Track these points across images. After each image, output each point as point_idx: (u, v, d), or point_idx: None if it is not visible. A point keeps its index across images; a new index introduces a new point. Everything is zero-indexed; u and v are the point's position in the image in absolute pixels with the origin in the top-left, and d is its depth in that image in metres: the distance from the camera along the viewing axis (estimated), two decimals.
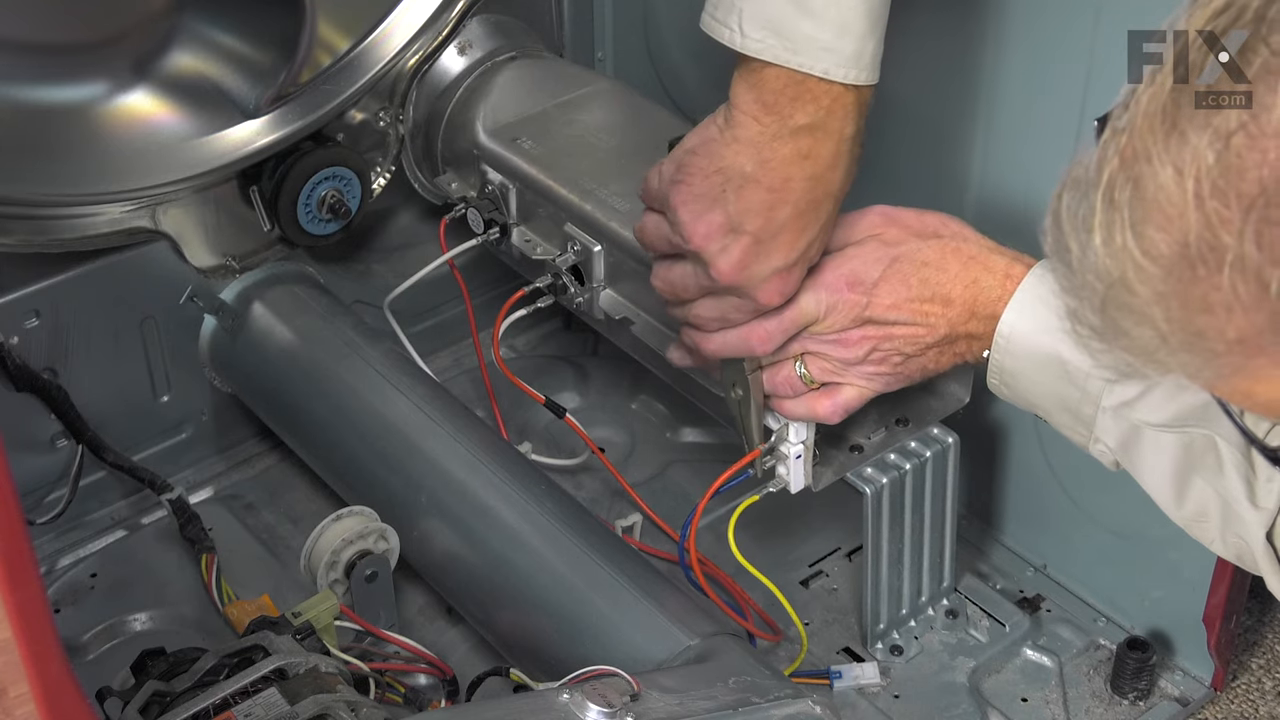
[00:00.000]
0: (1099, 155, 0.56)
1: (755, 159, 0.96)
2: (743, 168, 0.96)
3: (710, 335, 1.04)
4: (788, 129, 0.95)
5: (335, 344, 1.36)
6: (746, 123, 0.96)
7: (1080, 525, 1.29)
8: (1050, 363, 0.95)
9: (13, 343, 1.27)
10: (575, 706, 0.92)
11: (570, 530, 1.18)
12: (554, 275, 1.26)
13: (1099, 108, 1.18)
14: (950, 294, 0.99)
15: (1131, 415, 0.92)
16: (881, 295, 1.00)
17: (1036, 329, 0.96)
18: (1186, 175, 0.52)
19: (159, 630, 1.27)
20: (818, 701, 1.01)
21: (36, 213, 1.26)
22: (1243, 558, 0.90)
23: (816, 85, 0.94)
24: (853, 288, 1.00)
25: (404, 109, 1.41)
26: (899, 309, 0.99)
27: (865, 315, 1.00)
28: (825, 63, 0.93)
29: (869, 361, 1.02)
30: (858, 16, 0.93)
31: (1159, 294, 0.54)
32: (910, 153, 1.30)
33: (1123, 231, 0.54)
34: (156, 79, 1.30)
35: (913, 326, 1.00)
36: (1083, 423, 0.95)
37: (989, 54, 1.19)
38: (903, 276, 0.99)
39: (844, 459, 1.16)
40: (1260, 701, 1.29)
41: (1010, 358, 0.97)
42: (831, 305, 1.00)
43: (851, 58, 0.94)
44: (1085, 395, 0.94)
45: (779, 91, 0.94)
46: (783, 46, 0.93)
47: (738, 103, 0.96)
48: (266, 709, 0.97)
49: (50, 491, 1.33)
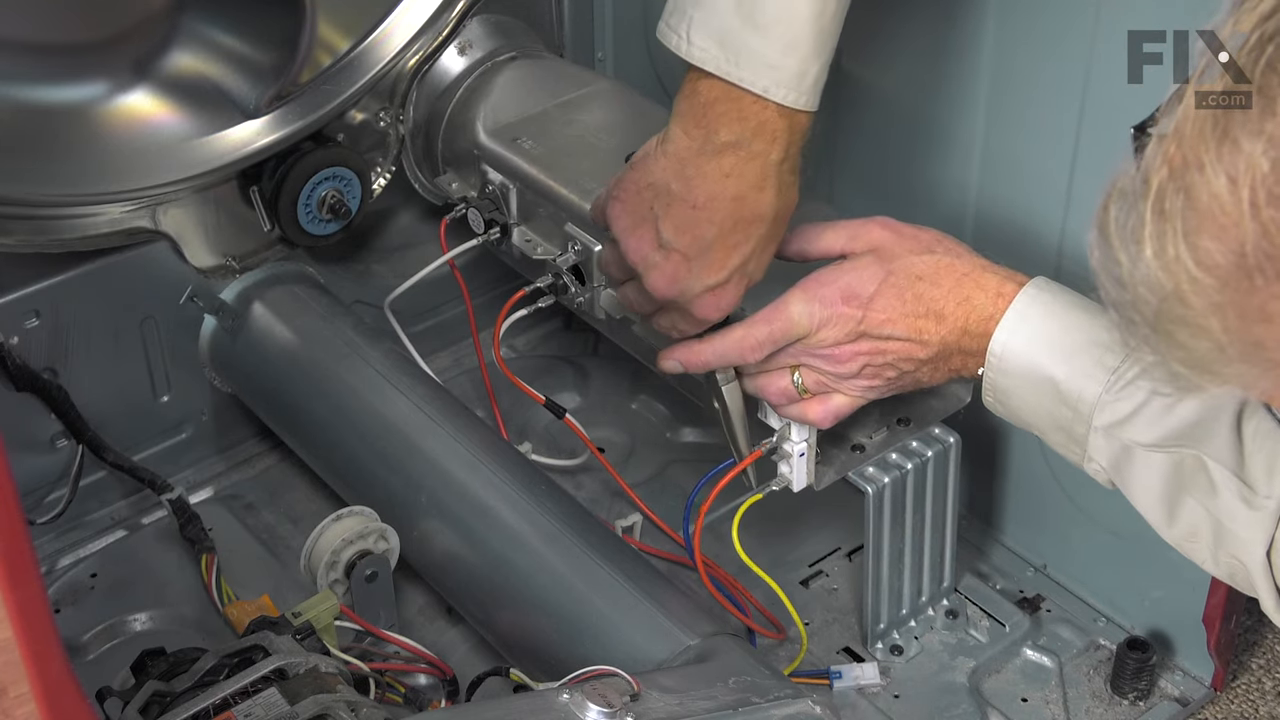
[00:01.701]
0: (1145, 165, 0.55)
1: (680, 175, 0.96)
2: (669, 184, 0.97)
3: (698, 346, 1.05)
4: (713, 144, 0.95)
5: (335, 344, 1.36)
6: (678, 135, 0.96)
7: (1080, 525, 1.29)
8: (1042, 382, 0.95)
9: (13, 343, 1.27)
10: (575, 706, 0.92)
11: (570, 530, 1.18)
12: (554, 275, 1.26)
13: (1098, 108, 1.19)
14: (943, 310, 0.98)
15: (1122, 435, 0.92)
16: (876, 310, 0.99)
17: (1028, 349, 0.95)
18: (1241, 183, 0.51)
19: (159, 630, 1.27)
20: (818, 701, 1.01)
21: (36, 213, 1.26)
22: (1235, 577, 0.90)
23: (750, 103, 0.94)
24: (848, 301, 1.00)
25: (404, 109, 1.41)
26: (894, 324, 0.99)
27: (860, 329, 1.00)
28: (766, 80, 0.93)
29: (862, 375, 1.02)
30: (806, 36, 0.93)
31: (1215, 305, 0.53)
32: (910, 154, 1.30)
33: (1175, 242, 0.53)
34: (156, 79, 1.30)
35: (906, 342, 0.99)
36: (1076, 442, 0.95)
37: (988, 54, 1.19)
38: (897, 291, 0.99)
39: (846, 458, 1.16)
40: (1260, 701, 1.29)
41: (1003, 376, 0.97)
42: (825, 319, 1.00)
43: (793, 78, 0.93)
44: (1077, 415, 0.93)
45: (711, 104, 0.94)
46: (725, 58, 0.93)
47: (675, 113, 0.97)
48: (266, 709, 0.97)
49: (50, 491, 1.33)
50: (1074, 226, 1.18)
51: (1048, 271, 1.00)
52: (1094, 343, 0.93)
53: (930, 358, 1.00)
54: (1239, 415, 0.86)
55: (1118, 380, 0.91)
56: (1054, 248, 1.20)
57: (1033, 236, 1.21)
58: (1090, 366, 0.93)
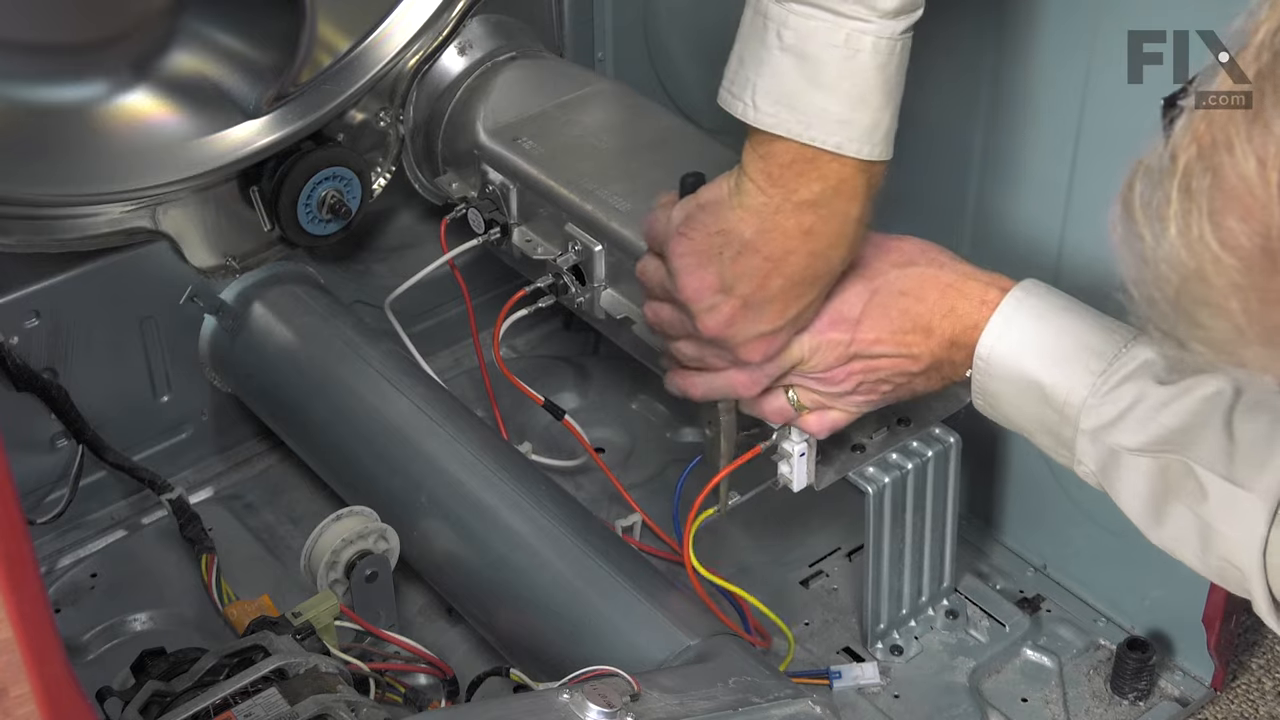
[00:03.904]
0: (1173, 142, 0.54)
1: (757, 227, 0.96)
2: (743, 234, 0.96)
3: (695, 379, 1.05)
4: (791, 203, 0.94)
5: (335, 344, 1.36)
6: (753, 191, 0.95)
7: (1080, 525, 1.29)
8: (1029, 386, 0.94)
9: (13, 343, 1.27)
10: (575, 706, 0.92)
11: (570, 530, 1.18)
12: (555, 275, 1.26)
13: (1098, 108, 1.18)
14: (930, 324, 0.98)
15: (1108, 439, 0.91)
16: (865, 331, 0.99)
17: (1014, 353, 0.95)
18: (1270, 166, 0.51)
19: (159, 630, 1.27)
20: (818, 701, 1.01)
21: (36, 213, 1.26)
22: (1226, 578, 0.89)
23: (826, 161, 0.93)
24: (835, 326, 1.00)
25: (404, 109, 1.41)
26: (882, 342, 0.99)
27: (851, 352, 1.00)
28: (838, 136, 0.92)
29: (858, 392, 1.03)
30: (873, 89, 0.92)
31: (1237, 286, 0.53)
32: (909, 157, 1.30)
33: (1200, 222, 0.53)
34: (156, 79, 1.30)
35: (897, 358, 0.99)
36: (1064, 444, 0.95)
37: (988, 55, 1.19)
38: (883, 309, 0.99)
39: (846, 458, 1.16)
40: (1260, 701, 1.29)
41: (991, 380, 0.97)
42: (815, 346, 1.00)
43: (865, 132, 0.93)
44: (1064, 418, 0.93)
45: (786, 165, 0.94)
46: (795, 120, 0.92)
47: (748, 171, 0.96)
48: (266, 709, 0.97)
49: (50, 491, 1.33)
50: (1073, 228, 1.18)
51: (1047, 274, 1.00)
52: (1081, 346, 0.93)
53: (922, 370, 1.00)
54: (1229, 416, 0.86)
55: (1104, 384, 0.91)
56: (1053, 249, 1.20)
57: (1032, 239, 1.21)
58: (1076, 370, 0.92)
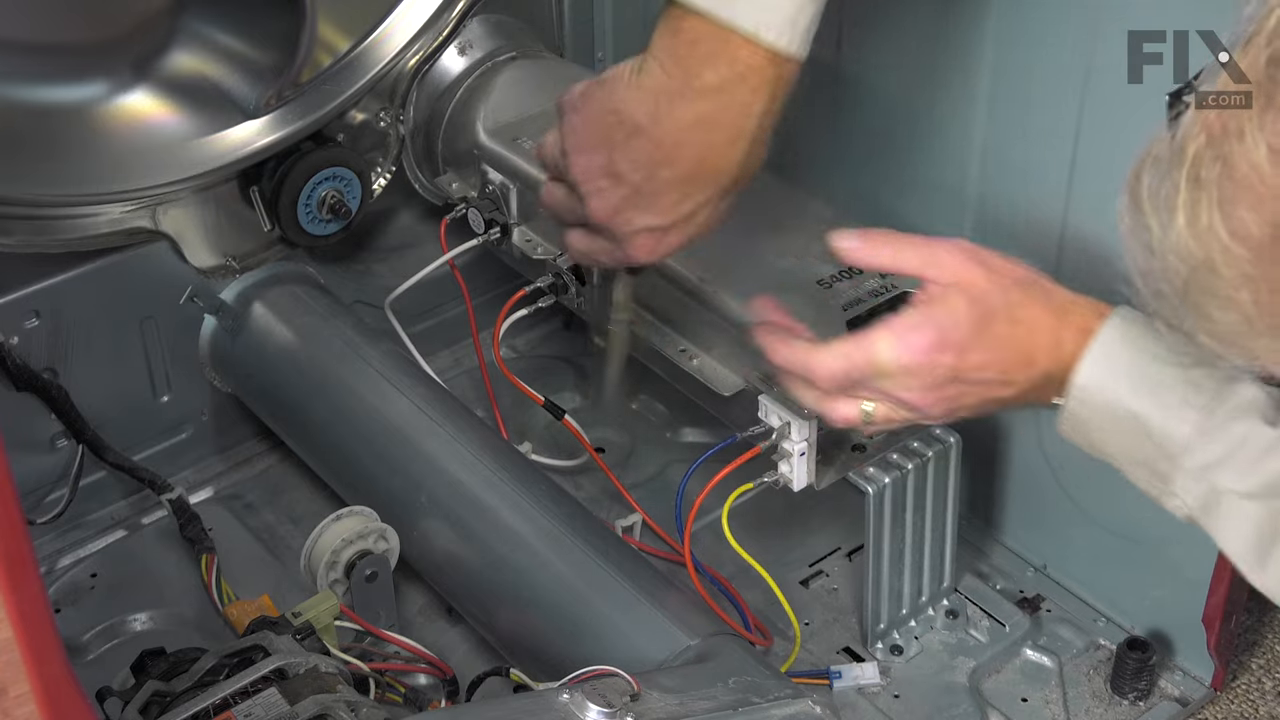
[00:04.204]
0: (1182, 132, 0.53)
1: (651, 111, 0.92)
2: (636, 116, 0.93)
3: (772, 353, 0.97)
4: (692, 88, 0.91)
5: (335, 344, 1.36)
6: (655, 70, 0.92)
7: (1080, 525, 1.29)
8: (1126, 417, 0.89)
9: (13, 343, 1.27)
10: (575, 706, 0.92)
11: (570, 530, 1.18)
12: (555, 275, 1.26)
13: (1098, 107, 1.18)
14: (1035, 355, 0.91)
15: (1213, 479, 0.86)
16: (972, 357, 0.91)
17: (1113, 383, 0.89)
18: None
19: (159, 630, 1.27)
20: (818, 701, 1.01)
21: (36, 213, 1.26)
22: None
23: (738, 45, 0.89)
24: (940, 349, 0.91)
25: (404, 109, 1.41)
26: (987, 369, 0.91)
27: (951, 376, 0.92)
28: (756, 19, 0.88)
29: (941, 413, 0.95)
30: None
31: (1246, 277, 0.52)
32: (910, 153, 1.30)
33: (1209, 211, 0.52)
34: (156, 79, 1.30)
35: (994, 384, 0.92)
36: (1159, 478, 0.89)
37: (989, 54, 1.19)
38: (995, 338, 0.91)
39: (846, 458, 1.16)
40: (1260, 701, 1.29)
41: (1084, 408, 0.91)
42: (913, 366, 0.91)
43: (787, 21, 0.89)
44: (1162, 452, 0.87)
45: (694, 43, 0.90)
46: None
47: (653, 49, 0.93)
48: (266, 709, 0.97)
49: (50, 491, 1.33)
50: (1074, 225, 1.18)
51: (1046, 269, 1.00)
52: (1181, 379, 0.87)
53: (1013, 396, 0.93)
54: None
55: (1208, 421, 0.86)
56: (1054, 246, 1.20)
57: (1033, 235, 1.21)
58: (1178, 404, 0.87)
